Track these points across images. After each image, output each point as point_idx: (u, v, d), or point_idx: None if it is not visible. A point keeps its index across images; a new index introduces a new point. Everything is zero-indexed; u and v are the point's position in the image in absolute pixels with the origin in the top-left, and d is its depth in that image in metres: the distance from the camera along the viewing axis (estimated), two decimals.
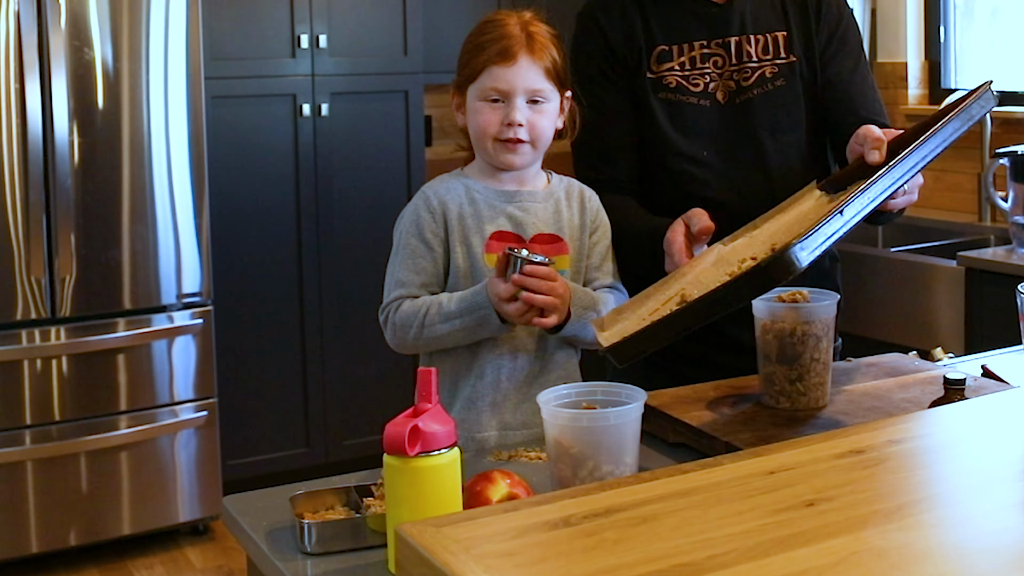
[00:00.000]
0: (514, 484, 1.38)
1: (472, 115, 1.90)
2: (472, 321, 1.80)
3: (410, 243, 1.88)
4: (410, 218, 1.90)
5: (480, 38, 1.90)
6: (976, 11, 4.43)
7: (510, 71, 1.86)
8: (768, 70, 2.06)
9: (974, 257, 3.49)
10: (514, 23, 1.89)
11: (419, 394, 1.33)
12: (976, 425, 1.28)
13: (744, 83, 2.06)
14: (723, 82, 2.06)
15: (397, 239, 1.91)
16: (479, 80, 1.88)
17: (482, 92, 1.88)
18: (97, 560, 3.80)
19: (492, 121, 1.87)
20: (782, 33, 2.08)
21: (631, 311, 1.71)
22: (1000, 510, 1.02)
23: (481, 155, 1.93)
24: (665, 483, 1.06)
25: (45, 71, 3.53)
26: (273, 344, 4.23)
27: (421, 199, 1.91)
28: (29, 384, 3.61)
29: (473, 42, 1.91)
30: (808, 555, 0.91)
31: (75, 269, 3.64)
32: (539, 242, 1.90)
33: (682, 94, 2.05)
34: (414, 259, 1.87)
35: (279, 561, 1.40)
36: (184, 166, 3.79)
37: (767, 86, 2.06)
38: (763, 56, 2.06)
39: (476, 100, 1.89)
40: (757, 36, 2.07)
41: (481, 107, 1.88)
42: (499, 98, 1.87)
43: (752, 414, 1.71)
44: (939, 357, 2.05)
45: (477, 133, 1.90)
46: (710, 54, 2.06)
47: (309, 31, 4.18)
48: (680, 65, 2.06)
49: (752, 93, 2.05)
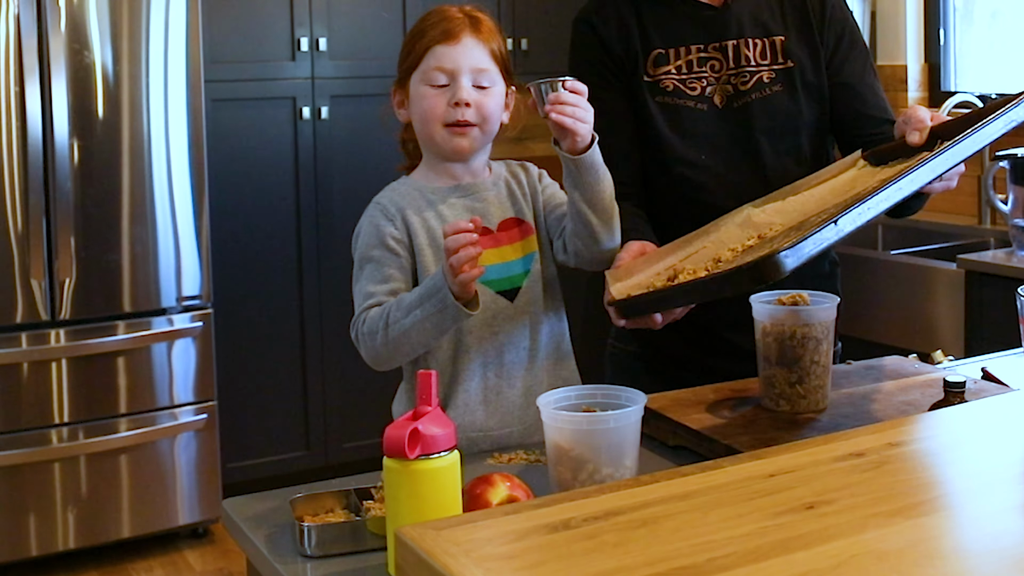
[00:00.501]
0: (514, 487, 1.38)
1: (417, 102, 1.84)
2: (432, 307, 1.70)
3: (372, 255, 1.82)
4: (368, 231, 1.83)
5: (421, 25, 1.87)
6: (976, 14, 4.43)
7: (454, 50, 1.82)
8: (766, 75, 2.05)
9: (974, 260, 3.49)
10: (455, 10, 1.87)
11: (419, 397, 1.33)
12: (976, 428, 1.28)
13: (742, 87, 2.05)
14: (720, 86, 2.05)
15: (358, 257, 1.84)
16: (422, 64, 1.83)
17: (426, 75, 1.83)
18: (97, 562, 3.80)
19: (438, 104, 1.82)
20: (780, 38, 2.07)
21: (647, 265, 1.75)
22: (1000, 512, 1.02)
23: (429, 147, 1.87)
24: (665, 486, 1.06)
25: (45, 74, 3.53)
26: (273, 347, 4.23)
27: (376, 210, 1.85)
28: (29, 387, 3.61)
29: (414, 31, 1.87)
30: (808, 558, 0.91)
31: (75, 272, 3.64)
32: (505, 228, 1.87)
33: (679, 97, 2.04)
34: (379, 269, 1.81)
35: (279, 564, 1.40)
36: (184, 169, 3.79)
37: (765, 91, 2.05)
38: (761, 61, 2.06)
39: (420, 85, 1.83)
40: (755, 40, 2.06)
41: (426, 92, 1.83)
42: (444, 81, 1.82)
43: (752, 417, 1.71)
44: (939, 360, 2.05)
45: (423, 120, 1.84)
46: (707, 58, 2.05)
47: (309, 34, 4.18)
48: (677, 68, 2.05)
49: (750, 97, 2.04)
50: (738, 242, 1.67)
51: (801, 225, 1.60)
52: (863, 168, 1.81)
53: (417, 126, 1.87)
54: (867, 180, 1.73)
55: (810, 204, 1.73)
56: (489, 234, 1.84)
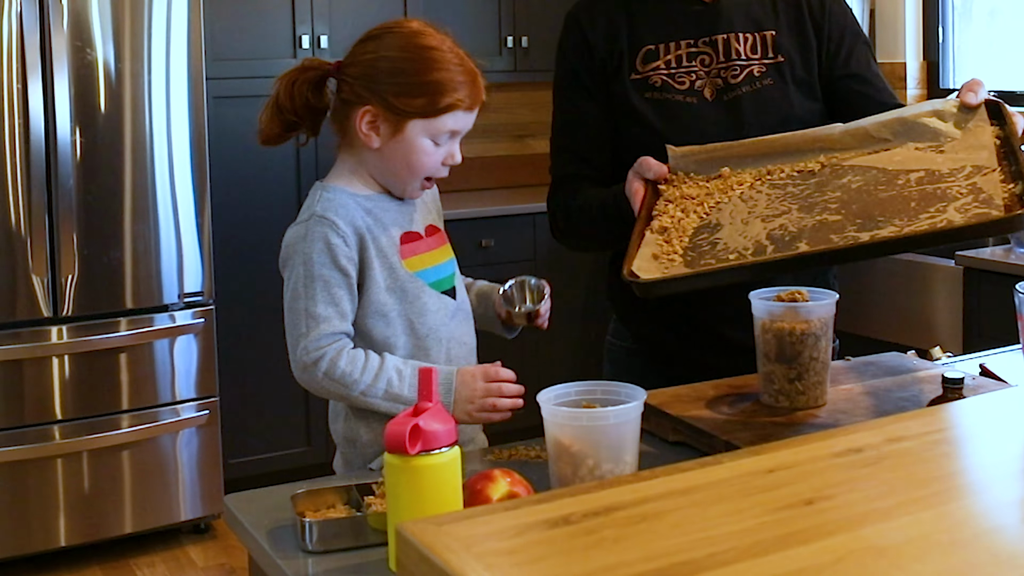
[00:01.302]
0: (514, 483, 1.38)
1: (410, 150, 1.79)
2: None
3: (322, 274, 1.75)
4: (318, 247, 1.76)
5: (445, 74, 1.77)
6: (974, 12, 4.43)
7: (472, 115, 1.81)
8: (756, 68, 2.05)
9: (972, 257, 3.50)
10: (467, 58, 1.81)
11: (420, 393, 1.34)
12: (974, 424, 1.28)
13: (732, 80, 2.04)
14: (711, 80, 2.04)
15: (305, 272, 1.76)
16: (437, 120, 1.78)
17: (434, 133, 1.79)
18: (99, 558, 3.81)
19: (434, 162, 1.81)
20: (771, 32, 2.06)
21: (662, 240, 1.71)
22: (999, 507, 1.02)
23: (392, 184, 1.84)
24: (664, 481, 1.06)
25: (47, 71, 3.54)
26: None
27: (325, 226, 1.77)
28: (31, 383, 3.61)
29: (436, 77, 1.77)
30: (807, 553, 0.91)
31: (77, 269, 3.64)
32: (431, 233, 1.89)
33: (668, 92, 2.03)
34: (328, 290, 1.75)
35: (280, 559, 1.41)
36: (186, 166, 3.80)
37: (756, 84, 2.04)
38: (751, 55, 2.05)
39: (423, 138, 1.78)
40: (746, 35, 2.05)
41: (427, 147, 1.79)
42: (447, 140, 1.80)
43: (751, 413, 1.72)
44: (937, 356, 2.05)
45: (409, 168, 1.80)
46: (697, 52, 2.04)
47: (310, 32, 4.19)
48: (666, 64, 2.04)
49: (741, 91, 2.04)
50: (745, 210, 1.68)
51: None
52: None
53: (398, 167, 1.82)
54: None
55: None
56: (420, 238, 1.86)
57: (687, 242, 1.66)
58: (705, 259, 1.61)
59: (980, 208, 1.49)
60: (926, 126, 1.75)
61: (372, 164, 1.84)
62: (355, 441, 1.84)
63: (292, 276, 1.79)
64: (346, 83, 1.81)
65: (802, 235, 1.59)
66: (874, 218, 1.56)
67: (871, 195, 1.63)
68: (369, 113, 1.79)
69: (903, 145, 1.75)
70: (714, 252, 1.62)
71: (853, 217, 1.58)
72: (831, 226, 1.58)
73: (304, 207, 1.84)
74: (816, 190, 1.69)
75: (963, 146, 1.69)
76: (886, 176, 1.66)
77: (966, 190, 1.55)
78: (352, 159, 1.85)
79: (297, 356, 1.76)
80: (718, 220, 1.71)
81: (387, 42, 1.82)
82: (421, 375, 1.34)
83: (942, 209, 1.52)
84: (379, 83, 1.78)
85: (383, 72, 1.79)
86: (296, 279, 1.77)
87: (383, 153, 1.81)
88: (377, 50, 1.81)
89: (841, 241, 1.53)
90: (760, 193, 1.74)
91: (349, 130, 1.83)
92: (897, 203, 1.58)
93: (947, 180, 1.59)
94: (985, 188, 1.53)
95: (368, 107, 1.79)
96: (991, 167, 1.59)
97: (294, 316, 1.77)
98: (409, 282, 1.82)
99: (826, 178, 1.72)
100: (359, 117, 1.79)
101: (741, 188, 1.77)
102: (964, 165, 1.62)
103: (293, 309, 1.77)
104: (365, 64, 1.81)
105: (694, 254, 1.63)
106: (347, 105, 1.81)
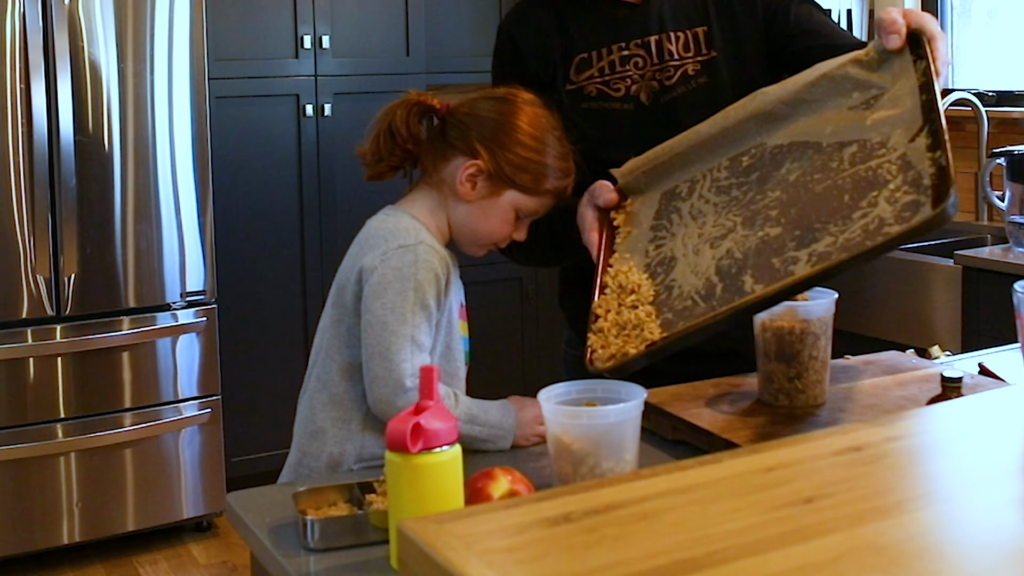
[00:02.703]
0: (515, 481, 1.39)
1: (496, 218, 1.82)
2: (486, 435, 1.75)
3: (428, 304, 1.74)
4: (429, 277, 1.74)
5: (557, 162, 1.82)
6: (973, 12, 4.43)
7: (552, 204, 1.85)
8: (690, 67, 1.99)
9: (971, 256, 3.50)
10: (571, 153, 1.84)
11: (421, 392, 1.34)
12: (973, 422, 1.28)
13: (667, 82, 1.99)
14: (645, 83, 1.99)
15: (414, 297, 1.73)
16: (533, 199, 1.81)
17: (524, 209, 1.82)
18: (102, 556, 3.82)
19: (509, 233, 1.84)
20: (702, 28, 2.00)
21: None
22: (997, 506, 1.02)
23: (463, 238, 1.85)
24: (664, 480, 1.06)
25: (50, 71, 3.55)
26: (276, 341, 4.24)
27: (434, 257, 1.76)
28: (34, 382, 3.62)
29: (551, 161, 1.81)
30: (806, 551, 0.91)
31: (80, 267, 3.65)
32: (464, 308, 1.89)
33: (604, 100, 1.99)
34: (429, 321, 1.74)
35: (282, 557, 1.41)
36: (188, 166, 3.80)
37: (691, 84, 1.99)
38: (684, 53, 1.99)
39: (510, 209, 1.81)
40: (677, 33, 1.99)
41: (510, 217, 1.82)
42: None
43: (751, 412, 1.72)
44: (936, 355, 2.05)
45: (485, 231, 1.83)
46: (630, 56, 1.99)
47: (312, 32, 4.19)
48: (600, 71, 2.00)
49: (676, 92, 1.99)
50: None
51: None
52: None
53: (474, 223, 1.83)
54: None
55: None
56: (463, 307, 1.88)
57: (650, 297, 1.66)
58: (663, 314, 1.61)
59: (909, 193, 1.48)
60: (855, 79, 1.70)
61: (455, 213, 1.83)
62: (336, 466, 1.81)
63: (400, 300, 1.73)
64: (456, 128, 1.82)
65: (747, 263, 1.57)
66: (811, 226, 1.54)
67: (808, 190, 1.60)
68: (476, 167, 1.79)
69: (835, 106, 1.70)
70: (670, 301, 1.62)
71: (792, 227, 1.57)
72: (772, 245, 1.57)
73: (395, 227, 1.80)
74: (758, 191, 1.67)
75: (890, 99, 1.65)
76: (821, 158, 1.63)
77: (896, 168, 1.53)
78: (435, 199, 1.84)
79: (396, 378, 1.71)
80: (672, 252, 1.70)
81: (512, 108, 1.82)
82: (422, 373, 1.35)
83: (873, 202, 1.50)
84: (496, 144, 1.79)
85: (504, 135, 1.80)
86: (405, 303, 1.73)
87: (471, 208, 1.82)
88: (501, 112, 1.82)
89: (782, 268, 1.53)
90: (708, 204, 1.72)
91: (443, 172, 1.83)
92: (832, 198, 1.56)
93: (878, 155, 1.57)
94: (914, 162, 1.52)
95: (477, 162, 1.79)
96: (917, 124, 1.57)
97: (398, 340, 1.71)
98: (456, 346, 1.82)
99: (766, 171, 1.69)
100: (464, 167, 1.80)
101: (691, 200, 1.75)
102: (891, 135, 1.59)
103: (399, 334, 1.71)
104: (485, 119, 1.81)
105: (655, 306, 1.64)
106: (451, 149, 1.82)
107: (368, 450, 1.79)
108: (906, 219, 1.45)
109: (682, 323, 1.56)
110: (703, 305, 1.56)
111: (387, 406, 1.72)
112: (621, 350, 1.59)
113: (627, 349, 1.59)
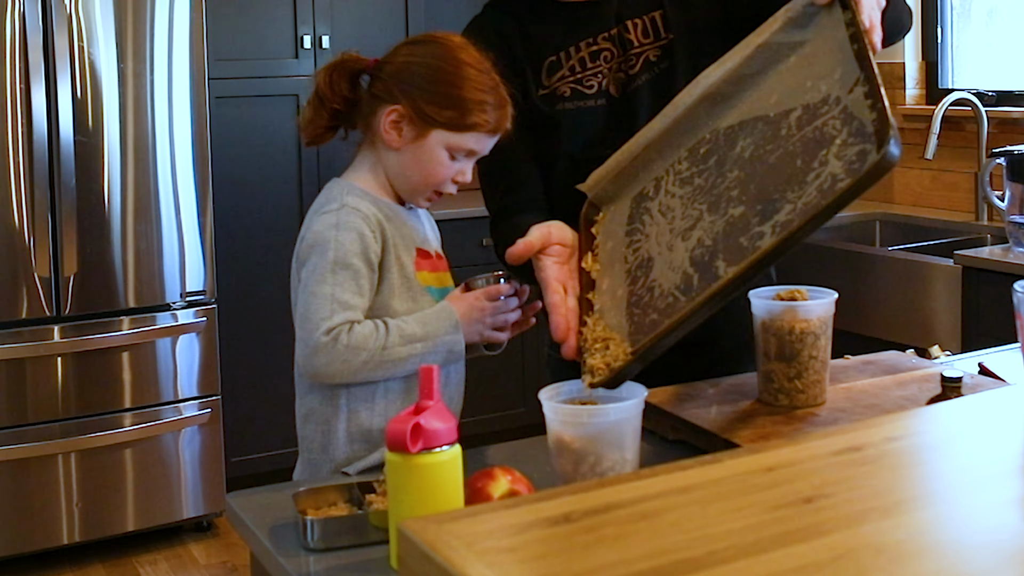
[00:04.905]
0: (515, 480, 1.39)
1: (427, 159, 1.81)
2: (433, 349, 1.75)
3: (353, 263, 1.76)
4: (351, 236, 1.77)
5: (477, 93, 1.79)
6: (973, 12, 4.43)
7: (493, 139, 1.83)
8: (651, 53, 1.97)
9: (971, 256, 3.50)
10: (502, 84, 1.82)
11: (421, 391, 1.34)
12: (973, 422, 1.29)
13: (632, 72, 1.97)
14: (613, 76, 1.98)
15: (333, 258, 1.76)
16: (459, 137, 1.80)
17: (454, 148, 1.81)
18: (102, 556, 3.82)
19: (446, 174, 1.82)
20: (658, 12, 1.99)
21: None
22: (997, 506, 1.02)
23: (402, 188, 1.85)
24: (664, 480, 1.06)
25: (50, 72, 3.55)
26: (276, 341, 4.24)
27: (359, 218, 1.79)
28: (33, 382, 3.62)
29: (469, 93, 1.79)
30: (806, 551, 0.91)
31: (79, 267, 3.65)
32: (438, 259, 1.90)
33: (578, 99, 1.98)
34: (357, 280, 1.76)
35: (282, 557, 1.41)
36: (188, 165, 3.80)
37: (654, 70, 1.97)
38: (644, 40, 1.97)
39: (441, 150, 1.81)
40: (635, 20, 1.98)
41: (443, 159, 1.81)
42: (462, 157, 1.82)
43: (751, 411, 1.72)
44: (936, 355, 2.05)
45: (422, 176, 1.83)
46: (599, 50, 1.98)
47: (312, 32, 4.20)
48: (571, 69, 1.98)
49: (640, 81, 1.97)
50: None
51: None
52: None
53: (412, 175, 1.84)
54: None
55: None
56: (430, 258, 1.88)
57: (623, 309, 1.64)
58: (649, 315, 1.58)
59: (855, 144, 1.47)
60: (789, 43, 1.70)
61: (389, 164, 1.85)
62: (328, 445, 1.82)
63: (320, 261, 1.77)
64: (380, 80, 1.83)
65: (717, 248, 1.56)
66: (771, 198, 1.54)
67: (763, 163, 1.60)
68: (396, 112, 1.81)
69: (775, 74, 1.69)
70: (653, 301, 1.60)
71: (754, 203, 1.56)
72: (738, 224, 1.56)
73: (326, 198, 1.84)
74: (718, 175, 1.66)
75: (825, 50, 1.64)
76: (770, 129, 1.63)
77: (840, 123, 1.52)
78: (372, 157, 1.87)
79: (315, 337, 1.73)
80: (648, 252, 1.69)
81: (429, 49, 1.83)
82: (422, 373, 1.35)
83: (824, 160, 1.50)
84: (412, 86, 1.80)
85: (419, 76, 1.81)
86: (324, 264, 1.76)
87: (401, 155, 1.83)
88: (417, 54, 1.83)
89: (749, 245, 1.51)
90: (674, 198, 1.71)
91: (373, 126, 1.85)
92: (786, 166, 1.55)
93: (822, 113, 1.56)
94: (855, 112, 1.50)
95: (396, 106, 1.80)
96: (854, 75, 1.55)
97: (318, 300, 1.74)
98: (421, 294, 1.83)
99: (722, 153, 1.68)
100: (385, 114, 1.81)
101: (659, 197, 1.74)
102: (831, 91, 1.57)
103: (318, 294, 1.75)
104: (402, 65, 1.83)
105: (639, 310, 1.61)
106: (376, 101, 1.83)
107: (355, 423, 1.81)
108: (856, 170, 1.44)
109: (666, 321, 1.56)
110: (683, 299, 1.55)
111: (312, 366, 1.74)
112: (610, 364, 1.57)
113: (614, 362, 1.56)
